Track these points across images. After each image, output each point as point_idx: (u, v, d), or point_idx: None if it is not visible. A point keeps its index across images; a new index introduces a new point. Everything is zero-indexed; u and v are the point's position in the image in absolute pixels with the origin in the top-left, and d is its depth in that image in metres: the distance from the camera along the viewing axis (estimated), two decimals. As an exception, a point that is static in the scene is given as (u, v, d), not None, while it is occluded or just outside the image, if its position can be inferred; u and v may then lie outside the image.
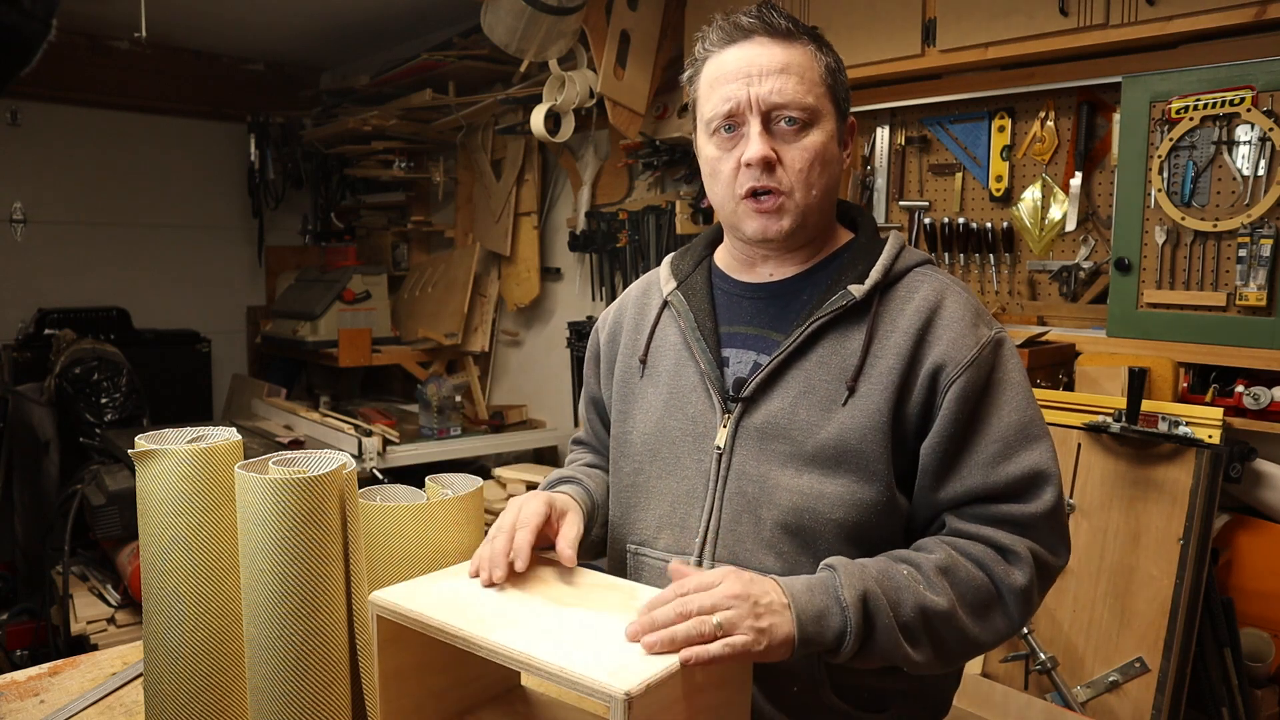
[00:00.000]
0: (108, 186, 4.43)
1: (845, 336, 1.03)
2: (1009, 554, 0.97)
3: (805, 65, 1.05)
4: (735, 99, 1.04)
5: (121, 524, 2.62)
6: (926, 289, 1.05)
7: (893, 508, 1.01)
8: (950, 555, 0.96)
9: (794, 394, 1.03)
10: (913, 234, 2.53)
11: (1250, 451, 1.86)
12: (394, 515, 1.06)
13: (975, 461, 0.99)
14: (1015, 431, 0.99)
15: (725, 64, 1.06)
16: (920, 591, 0.93)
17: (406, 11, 3.78)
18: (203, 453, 0.89)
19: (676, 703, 0.79)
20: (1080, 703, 1.80)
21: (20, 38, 0.76)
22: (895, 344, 1.01)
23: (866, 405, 1.00)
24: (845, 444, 0.99)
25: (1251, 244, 1.84)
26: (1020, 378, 1.03)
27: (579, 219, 3.47)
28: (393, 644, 0.94)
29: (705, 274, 1.17)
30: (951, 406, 0.99)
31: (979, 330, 1.02)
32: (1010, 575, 0.96)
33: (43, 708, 1.10)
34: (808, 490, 1.00)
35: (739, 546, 1.03)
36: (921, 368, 1.00)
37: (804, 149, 1.04)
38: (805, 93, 1.04)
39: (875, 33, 2.32)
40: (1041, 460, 0.99)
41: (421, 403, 3.56)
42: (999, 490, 0.98)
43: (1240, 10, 1.78)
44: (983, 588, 0.96)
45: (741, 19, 1.07)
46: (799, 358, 1.04)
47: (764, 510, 1.02)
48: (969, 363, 0.99)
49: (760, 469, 1.03)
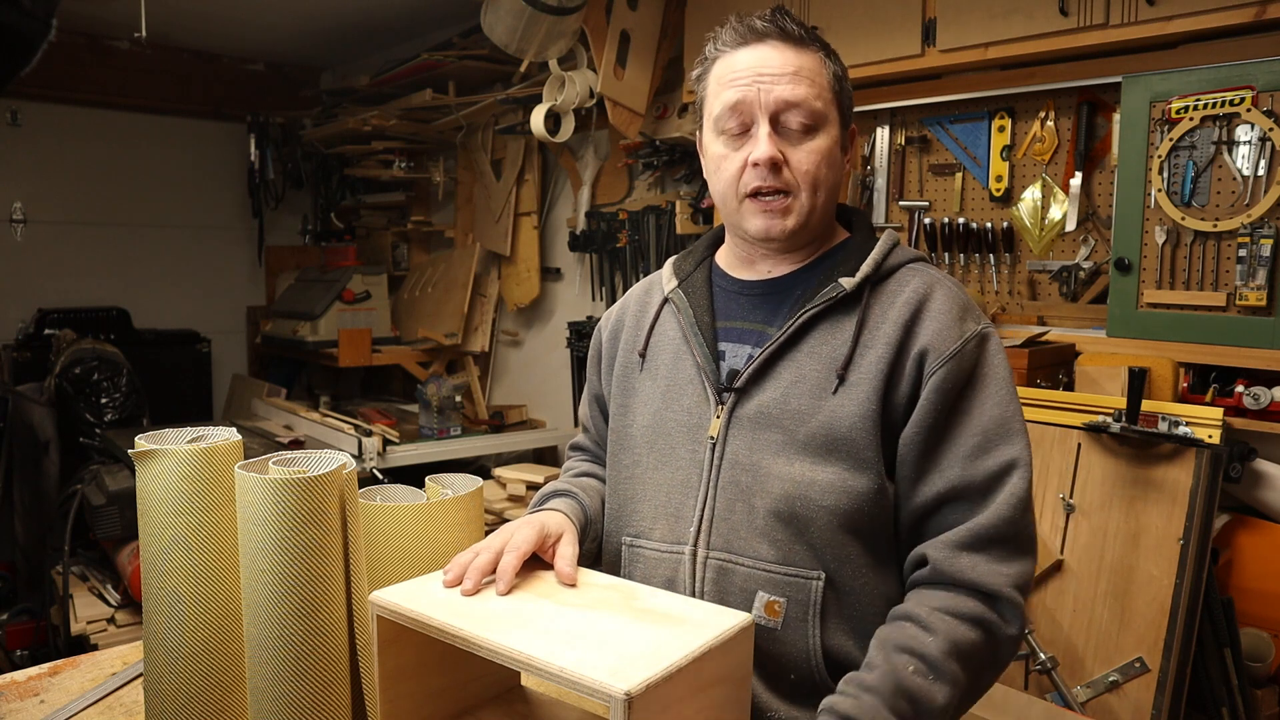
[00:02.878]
0: (108, 186, 4.43)
1: (836, 327, 1.06)
2: (999, 602, 0.97)
3: (815, 70, 1.08)
4: (746, 99, 1.06)
5: (121, 524, 2.62)
6: (917, 283, 1.07)
7: (883, 495, 1.02)
8: (950, 631, 0.94)
9: (785, 383, 1.05)
10: (913, 234, 2.53)
11: (1250, 451, 1.86)
12: (394, 515, 1.06)
13: (955, 455, 1.00)
14: (996, 426, 1.01)
15: (737, 64, 1.08)
16: (933, 695, 0.90)
17: (406, 11, 3.78)
18: (203, 453, 0.89)
19: (676, 702, 0.79)
20: (1080, 703, 1.80)
21: (20, 38, 0.76)
22: (885, 334, 1.03)
23: (856, 394, 1.02)
24: (836, 432, 1.01)
25: (1251, 244, 1.84)
26: (1004, 373, 1.04)
27: (579, 219, 3.47)
28: (393, 644, 0.94)
29: (706, 273, 1.20)
30: (931, 397, 1.00)
31: (964, 324, 1.04)
32: (1006, 627, 0.97)
33: (43, 708, 1.10)
34: (799, 478, 1.01)
35: (733, 535, 1.04)
36: (908, 356, 1.02)
37: (810, 151, 1.06)
38: (815, 97, 1.06)
39: (875, 33, 2.32)
40: (1015, 451, 1.01)
41: (421, 403, 3.56)
42: (975, 485, 0.99)
43: (1240, 10, 1.78)
44: (983, 651, 0.96)
45: (756, 22, 1.09)
46: (790, 348, 1.06)
47: (757, 498, 1.03)
48: (952, 355, 1.01)
49: (753, 457, 1.05)
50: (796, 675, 1.02)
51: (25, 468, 3.43)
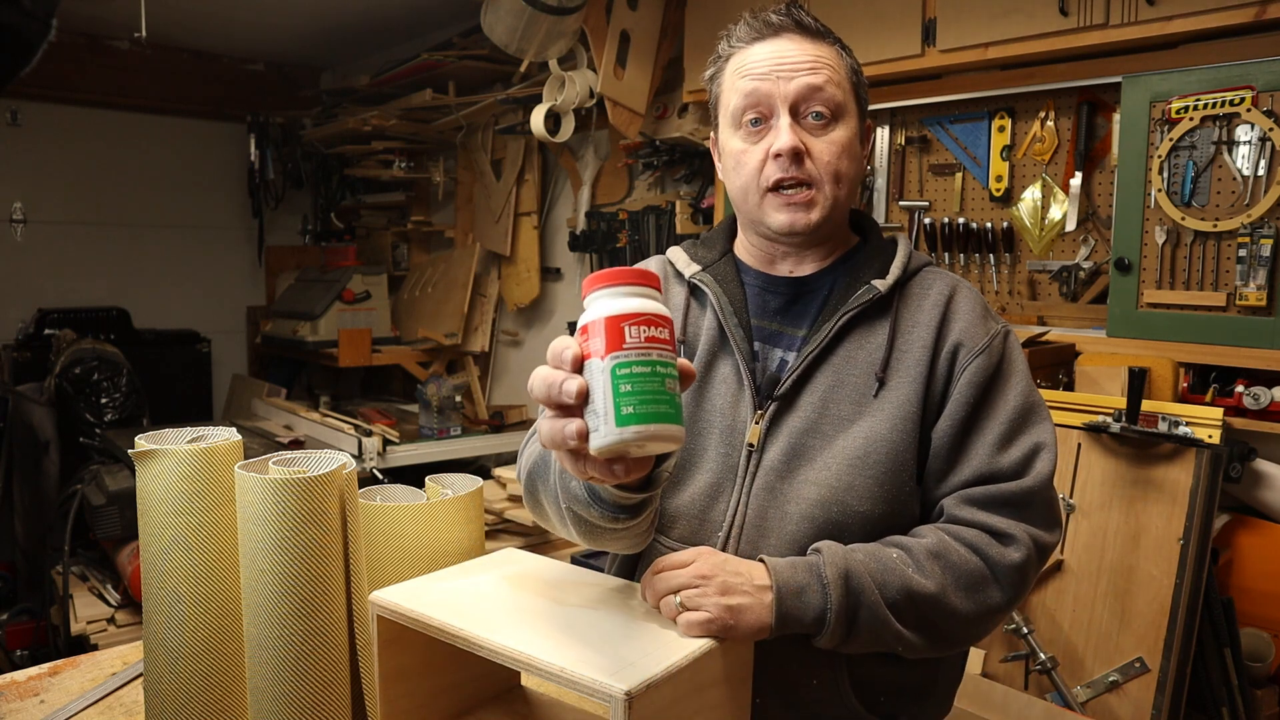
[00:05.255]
0: (108, 186, 4.43)
1: (870, 331, 1.06)
2: (1004, 537, 0.98)
3: (833, 62, 1.07)
4: (764, 89, 1.04)
5: (121, 524, 2.62)
6: (940, 284, 1.09)
7: (915, 497, 1.02)
8: (942, 539, 0.97)
9: (824, 389, 1.04)
10: (913, 234, 2.53)
11: (1250, 451, 1.86)
12: (394, 515, 1.06)
13: (983, 443, 1.01)
14: (1020, 414, 1.02)
15: (754, 58, 1.07)
16: (908, 574, 0.93)
17: (406, 11, 3.78)
18: (203, 453, 0.89)
19: (676, 702, 0.79)
20: (1080, 703, 1.80)
21: (20, 38, 0.76)
22: (919, 337, 1.04)
23: (897, 396, 1.02)
24: (877, 435, 1.01)
25: (1251, 244, 1.84)
26: (1024, 367, 1.07)
27: (579, 219, 3.47)
28: (393, 644, 0.94)
29: (732, 265, 1.16)
30: (964, 391, 1.01)
31: (989, 323, 1.06)
32: (1005, 555, 0.97)
33: (43, 708, 1.10)
34: (836, 483, 1.00)
35: (763, 541, 1.02)
36: (941, 353, 1.03)
37: (832, 142, 1.05)
38: (834, 86, 1.05)
39: (875, 33, 2.32)
40: (1041, 435, 1.02)
41: (421, 403, 3.56)
42: (1002, 471, 1.00)
43: (1240, 10, 1.78)
44: (975, 570, 0.96)
45: (771, 16, 1.08)
46: (828, 354, 1.06)
47: (791, 505, 1.02)
48: (982, 349, 1.03)
49: (790, 465, 1.03)
50: (819, 682, 1.00)
51: (25, 468, 3.43)
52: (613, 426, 0.69)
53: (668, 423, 0.69)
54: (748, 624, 0.87)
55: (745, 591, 0.88)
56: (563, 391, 0.72)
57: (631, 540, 0.94)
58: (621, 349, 0.70)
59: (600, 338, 0.71)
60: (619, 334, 0.70)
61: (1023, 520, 0.99)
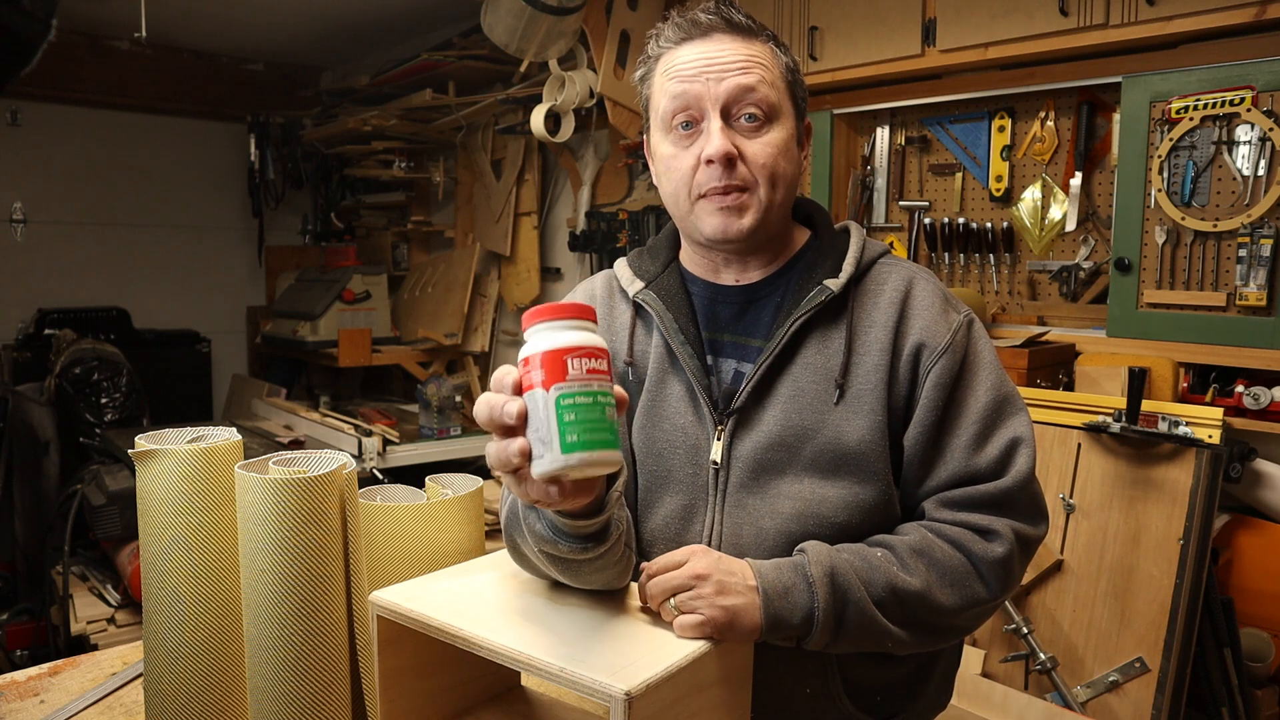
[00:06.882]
0: (108, 186, 4.43)
1: (826, 336, 1.02)
2: (987, 533, 0.97)
3: (767, 60, 1.02)
4: (693, 92, 1.00)
5: (121, 524, 2.62)
6: (895, 279, 1.04)
7: (892, 504, 1.01)
8: (925, 536, 0.97)
9: (783, 400, 1.01)
10: (913, 234, 2.53)
11: (1250, 451, 1.86)
12: (394, 515, 1.06)
13: (957, 444, 0.99)
14: (992, 410, 1.00)
15: (683, 59, 1.01)
16: (893, 571, 0.93)
17: (406, 11, 3.78)
18: (203, 453, 0.89)
19: (676, 702, 0.79)
20: (1080, 703, 1.80)
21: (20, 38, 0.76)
22: (876, 339, 1.01)
23: (859, 405, 0.99)
24: (843, 446, 0.98)
25: (1251, 244, 1.84)
26: (991, 356, 1.03)
27: (579, 219, 3.47)
28: (393, 644, 0.94)
29: (677, 276, 1.11)
30: (931, 394, 0.99)
31: (949, 315, 1.02)
32: (989, 550, 0.96)
33: (43, 708, 1.10)
34: (809, 495, 0.99)
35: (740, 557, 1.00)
36: (902, 355, 1.00)
37: (766, 144, 1.00)
38: (767, 86, 1.01)
39: (875, 33, 2.32)
40: (1017, 429, 1.00)
41: (421, 403, 3.56)
42: (980, 472, 0.99)
43: (1240, 10, 1.79)
44: (959, 565, 0.96)
45: (700, 15, 1.03)
46: (784, 362, 1.02)
47: (766, 520, 1.00)
48: (944, 348, 0.99)
49: (760, 480, 1.01)
50: (812, 690, 1.00)
51: (25, 468, 3.43)
52: (558, 454, 0.72)
53: (608, 449, 0.73)
54: (742, 625, 0.87)
55: (739, 591, 0.88)
56: (504, 413, 0.74)
57: (612, 572, 0.92)
58: (564, 380, 0.73)
59: (543, 369, 0.74)
60: (562, 366, 0.73)
61: (1005, 516, 0.98)
